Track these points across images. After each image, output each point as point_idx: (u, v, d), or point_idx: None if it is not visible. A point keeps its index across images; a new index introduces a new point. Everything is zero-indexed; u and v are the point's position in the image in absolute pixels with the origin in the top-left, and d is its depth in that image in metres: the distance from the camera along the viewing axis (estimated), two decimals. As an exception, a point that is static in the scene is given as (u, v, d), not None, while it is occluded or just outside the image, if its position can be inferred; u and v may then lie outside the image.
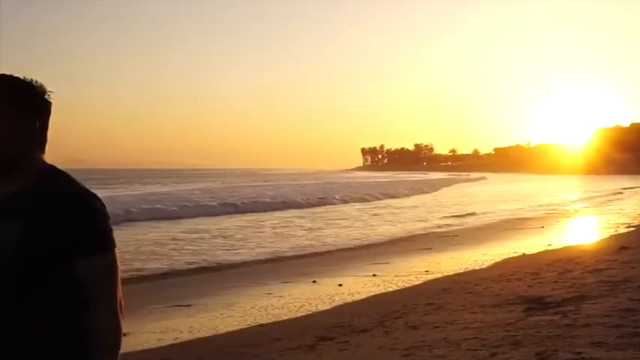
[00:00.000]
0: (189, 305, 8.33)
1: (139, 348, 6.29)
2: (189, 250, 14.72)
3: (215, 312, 7.91)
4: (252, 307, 8.04)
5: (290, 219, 23.16)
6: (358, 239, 16.98)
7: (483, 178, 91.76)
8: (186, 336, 6.74)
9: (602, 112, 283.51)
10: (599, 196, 39.17)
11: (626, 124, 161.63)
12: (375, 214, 25.53)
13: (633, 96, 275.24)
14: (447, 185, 62.64)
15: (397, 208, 29.60)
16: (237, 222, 21.91)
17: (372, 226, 20.93)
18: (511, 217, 23.65)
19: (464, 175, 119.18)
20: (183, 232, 18.60)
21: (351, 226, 20.59)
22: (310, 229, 19.65)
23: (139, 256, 13.47)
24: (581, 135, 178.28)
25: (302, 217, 24.02)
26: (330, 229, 19.72)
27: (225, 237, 17.32)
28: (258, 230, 19.29)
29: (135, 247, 15.02)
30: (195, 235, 17.66)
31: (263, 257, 13.65)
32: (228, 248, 15.07)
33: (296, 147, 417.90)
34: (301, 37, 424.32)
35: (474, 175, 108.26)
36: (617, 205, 29.57)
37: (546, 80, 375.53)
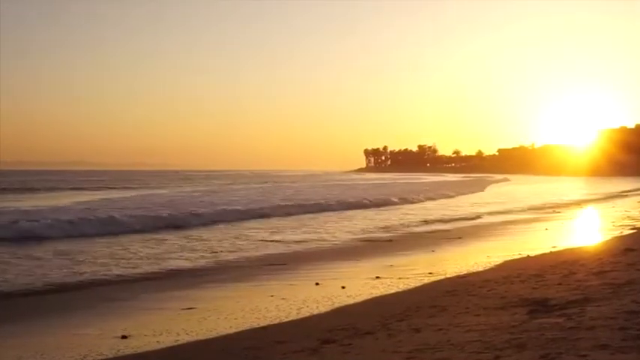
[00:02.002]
0: (191, 308, 8.32)
1: (139, 350, 6.29)
2: (191, 251, 14.72)
3: (217, 314, 7.89)
4: (255, 310, 8.02)
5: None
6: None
7: (506, 179, 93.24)
8: (187, 338, 6.71)
9: (606, 113, 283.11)
10: (603, 198, 39.14)
11: (631, 125, 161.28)
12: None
13: (639, 97, 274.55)
14: (483, 186, 64.32)
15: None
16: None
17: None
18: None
19: (483, 176, 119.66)
20: (189, 234, 18.60)
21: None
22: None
23: (139, 258, 13.49)
24: (586, 136, 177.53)
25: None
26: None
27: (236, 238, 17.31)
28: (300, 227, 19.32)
29: (135, 249, 15.04)
30: (201, 238, 17.65)
31: (264, 257, 13.65)
32: (233, 250, 15.08)
33: (297, 148, 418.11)
34: (305, 38, 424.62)
35: (497, 176, 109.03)
36: (622, 207, 29.49)
37: (551, 81, 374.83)
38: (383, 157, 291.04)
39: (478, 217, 24.98)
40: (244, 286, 10.14)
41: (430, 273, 10.36)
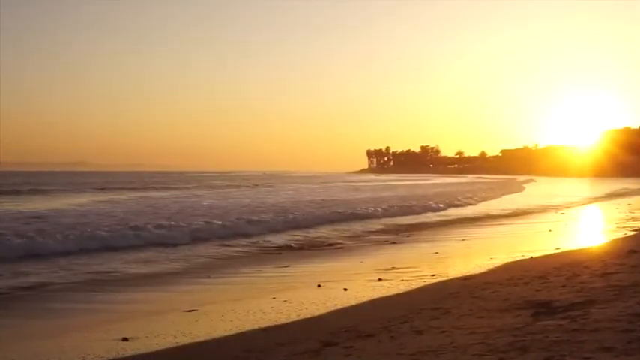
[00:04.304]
0: (192, 310, 8.28)
1: (140, 352, 6.26)
2: (192, 253, 14.72)
3: (218, 316, 7.85)
4: (256, 311, 7.98)
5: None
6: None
7: (532, 180, 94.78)
8: (188, 340, 6.68)
9: (610, 114, 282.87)
10: (606, 199, 39.10)
11: (634, 126, 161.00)
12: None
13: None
14: (518, 187, 64.97)
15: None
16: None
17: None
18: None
19: (509, 177, 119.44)
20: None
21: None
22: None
23: (139, 260, 13.48)
24: (590, 137, 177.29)
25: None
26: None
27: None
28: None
29: (137, 249, 15.04)
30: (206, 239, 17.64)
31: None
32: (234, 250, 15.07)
33: (298, 149, 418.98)
34: (309, 40, 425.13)
35: (520, 177, 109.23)
36: (625, 207, 29.40)
37: (554, 82, 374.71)
38: (385, 158, 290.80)
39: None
40: (246, 288, 10.11)
41: (433, 275, 10.31)
